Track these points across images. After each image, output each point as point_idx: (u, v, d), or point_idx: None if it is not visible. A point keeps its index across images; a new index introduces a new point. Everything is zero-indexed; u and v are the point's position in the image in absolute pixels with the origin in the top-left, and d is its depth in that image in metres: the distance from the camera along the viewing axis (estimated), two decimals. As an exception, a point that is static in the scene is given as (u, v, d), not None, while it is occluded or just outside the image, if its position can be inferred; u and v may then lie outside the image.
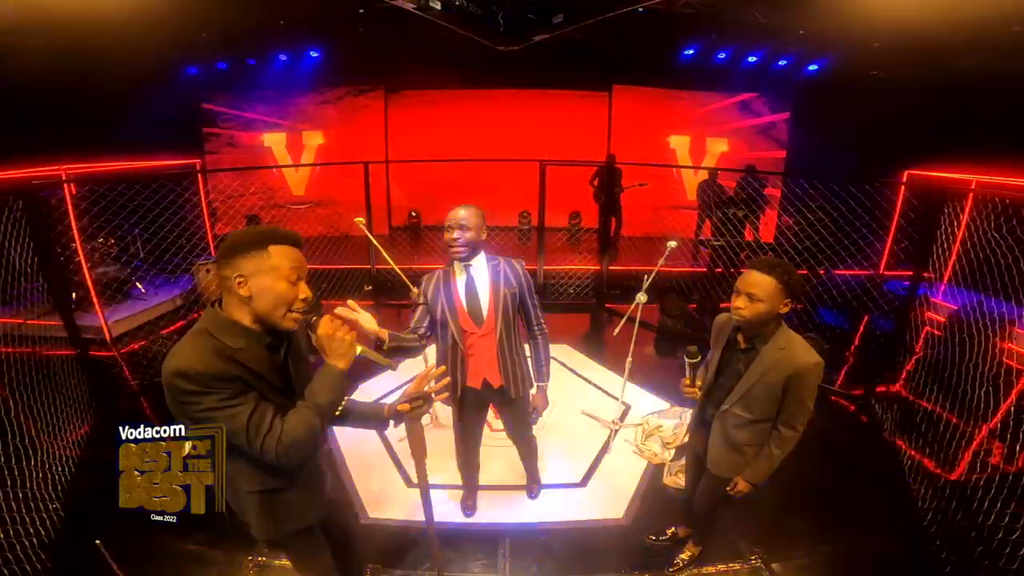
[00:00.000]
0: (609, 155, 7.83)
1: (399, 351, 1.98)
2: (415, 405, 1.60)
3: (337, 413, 1.41)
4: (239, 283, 1.27)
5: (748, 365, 1.80)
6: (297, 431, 1.27)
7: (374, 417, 1.65)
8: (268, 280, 1.27)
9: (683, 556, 2.40)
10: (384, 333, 1.86)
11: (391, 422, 1.64)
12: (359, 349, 1.37)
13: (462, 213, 2.07)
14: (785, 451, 1.84)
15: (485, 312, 2.16)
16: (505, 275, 2.17)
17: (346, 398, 1.42)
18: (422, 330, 2.16)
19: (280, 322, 1.32)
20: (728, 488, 1.97)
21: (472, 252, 2.11)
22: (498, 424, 3.07)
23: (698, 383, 1.97)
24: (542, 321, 2.31)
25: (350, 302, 1.57)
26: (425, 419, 3.23)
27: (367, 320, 1.70)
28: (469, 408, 2.38)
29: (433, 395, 1.62)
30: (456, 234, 2.06)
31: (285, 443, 1.25)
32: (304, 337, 1.50)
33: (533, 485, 2.90)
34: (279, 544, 1.59)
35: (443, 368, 1.63)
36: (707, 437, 1.99)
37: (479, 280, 2.15)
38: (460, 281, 2.15)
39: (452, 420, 2.48)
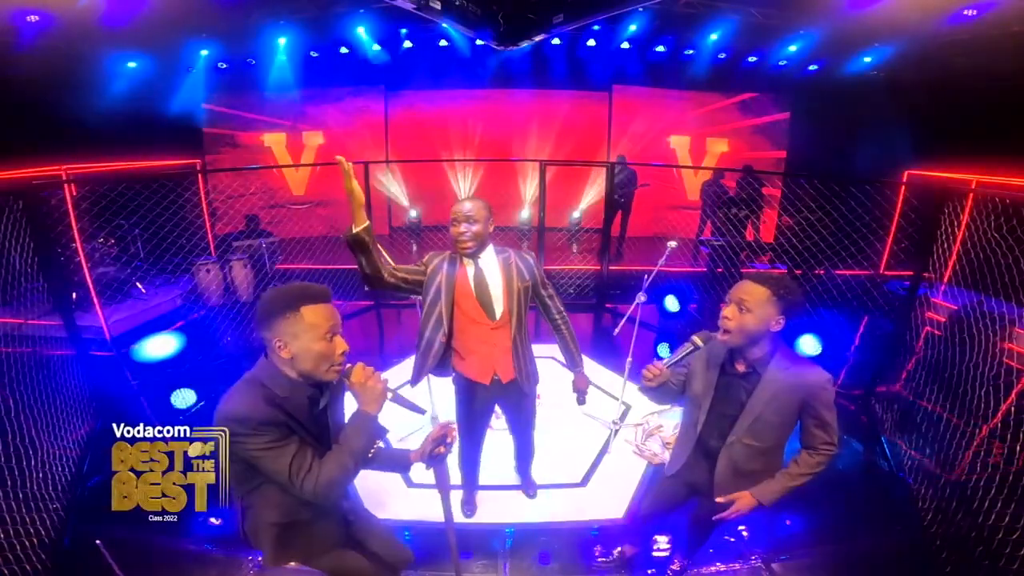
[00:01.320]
0: (620, 156, 7.82)
1: (361, 246, 1.89)
2: (446, 447, 1.72)
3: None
4: (279, 347, 1.35)
5: (750, 392, 1.67)
6: (333, 473, 1.37)
7: (399, 462, 1.78)
8: (306, 342, 1.35)
9: (673, 567, 2.37)
10: (360, 211, 1.81)
11: (417, 465, 1.76)
12: (390, 395, 1.46)
13: (468, 206, 2.02)
14: (814, 472, 1.70)
15: (500, 306, 2.12)
16: (518, 268, 2.13)
17: (378, 443, 1.51)
18: (401, 275, 2.09)
19: (323, 377, 1.41)
20: (721, 499, 1.80)
21: (480, 246, 2.07)
22: (499, 424, 3.07)
23: (665, 370, 1.74)
24: (562, 309, 2.29)
25: (341, 159, 1.69)
26: (426, 419, 3.25)
27: (355, 187, 1.75)
28: (477, 407, 2.36)
29: (450, 438, 1.72)
30: (463, 227, 2.01)
31: (322, 483, 1.35)
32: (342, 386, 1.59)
33: (528, 489, 2.90)
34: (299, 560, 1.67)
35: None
36: (709, 468, 1.84)
37: (490, 273, 2.11)
38: (469, 272, 2.11)
39: (456, 419, 2.46)
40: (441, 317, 2.13)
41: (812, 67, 7.69)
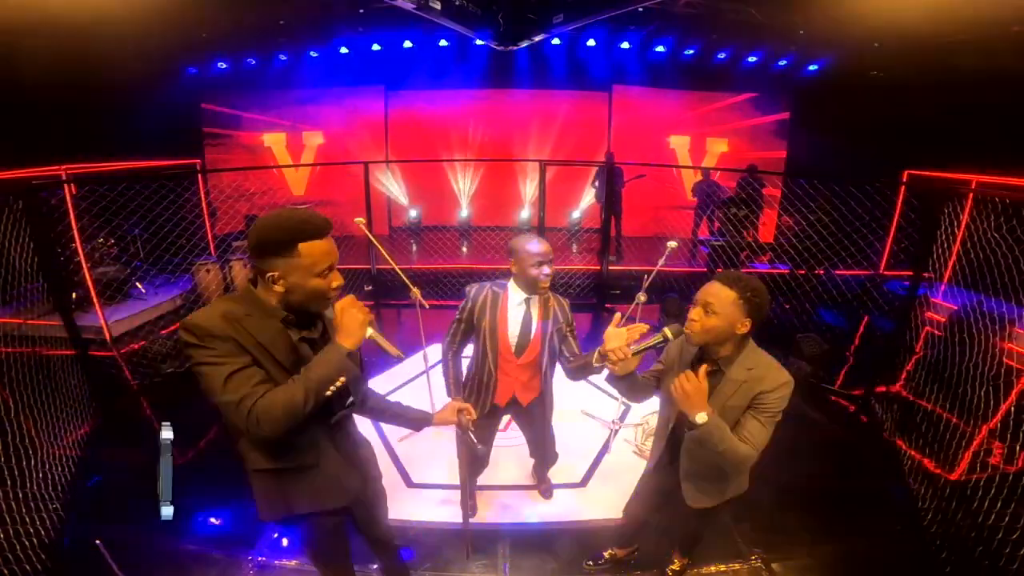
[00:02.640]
0: (608, 153, 7.82)
1: None
2: (467, 418, 1.75)
3: (358, 406, 1.45)
4: (272, 280, 1.28)
5: (713, 389, 1.63)
6: (274, 401, 1.22)
7: (419, 420, 1.77)
8: (300, 278, 1.27)
9: (673, 567, 2.37)
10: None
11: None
12: (369, 331, 1.35)
13: (548, 247, 2.09)
14: (730, 450, 1.55)
15: (530, 348, 2.21)
16: (555, 313, 2.21)
17: (340, 380, 1.34)
18: (459, 344, 2.26)
19: (314, 310, 1.36)
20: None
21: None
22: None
23: (630, 354, 1.64)
24: (577, 351, 2.26)
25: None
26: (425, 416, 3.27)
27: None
28: (489, 419, 2.39)
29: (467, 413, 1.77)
30: (548, 270, 2.07)
31: (257, 410, 1.20)
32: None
33: (543, 487, 2.92)
34: (286, 524, 1.57)
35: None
36: (678, 469, 1.84)
37: (534, 315, 2.18)
38: (515, 311, 2.17)
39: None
40: (491, 360, 2.24)
41: (812, 67, 7.69)
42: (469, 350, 2.36)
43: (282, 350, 1.32)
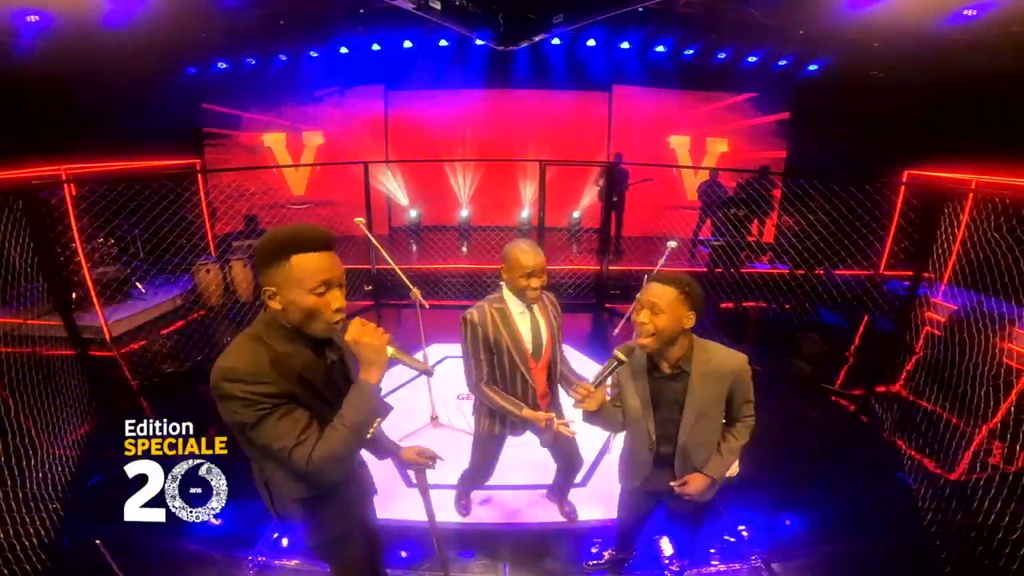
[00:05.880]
0: (616, 154, 7.82)
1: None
2: (427, 460, 1.70)
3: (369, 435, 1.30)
4: (270, 296, 1.22)
5: (683, 391, 1.70)
6: (332, 446, 1.19)
7: (388, 450, 1.73)
8: (293, 294, 1.19)
9: (673, 567, 2.38)
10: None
11: (400, 458, 1.72)
12: (390, 351, 1.23)
13: (541, 260, 2.04)
14: (746, 440, 1.79)
15: (545, 349, 2.19)
16: (553, 308, 2.22)
17: (378, 421, 1.26)
18: (486, 372, 2.16)
19: (314, 334, 1.25)
20: (676, 485, 1.79)
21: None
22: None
23: (595, 390, 1.67)
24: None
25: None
26: (425, 420, 3.26)
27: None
28: (502, 432, 2.34)
29: (434, 463, 1.72)
30: (536, 283, 2.05)
31: (317, 456, 1.18)
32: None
33: (567, 509, 2.78)
34: (326, 548, 1.56)
35: None
36: (667, 475, 1.82)
37: (540, 318, 2.17)
38: (523, 320, 2.14)
39: (482, 435, 2.38)
40: (526, 376, 2.18)
41: (812, 67, 7.69)
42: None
43: (324, 381, 1.30)
